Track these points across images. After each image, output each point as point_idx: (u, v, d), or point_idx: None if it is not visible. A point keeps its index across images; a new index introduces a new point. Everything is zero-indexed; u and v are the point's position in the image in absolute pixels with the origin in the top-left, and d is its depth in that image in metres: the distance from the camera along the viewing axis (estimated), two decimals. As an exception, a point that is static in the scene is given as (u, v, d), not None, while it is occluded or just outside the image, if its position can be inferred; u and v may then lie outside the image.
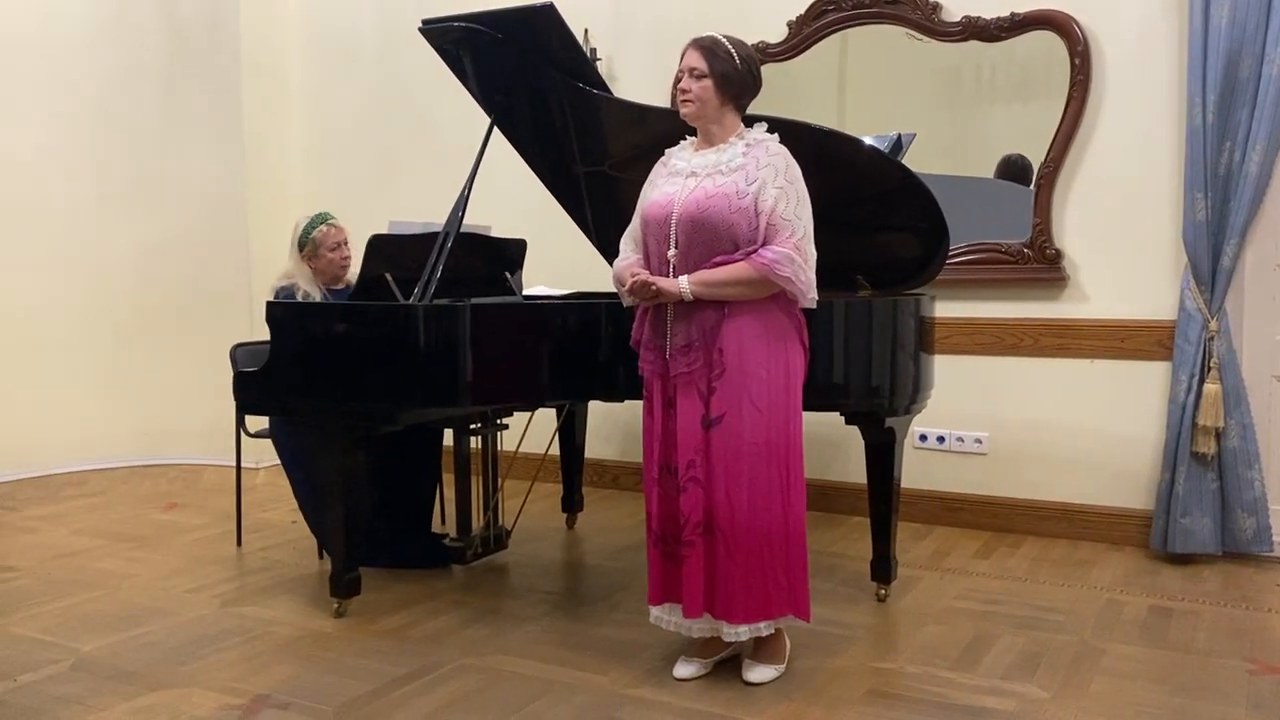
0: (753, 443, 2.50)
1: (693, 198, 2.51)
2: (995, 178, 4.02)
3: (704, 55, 2.53)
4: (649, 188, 2.68)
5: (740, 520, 2.50)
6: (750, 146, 2.55)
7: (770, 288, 2.47)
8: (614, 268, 2.74)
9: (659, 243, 2.57)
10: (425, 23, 3.22)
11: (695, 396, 2.52)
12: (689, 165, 2.60)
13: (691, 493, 2.53)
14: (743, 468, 2.50)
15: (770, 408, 2.51)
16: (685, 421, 2.53)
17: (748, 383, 2.49)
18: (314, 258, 3.56)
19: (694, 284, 2.47)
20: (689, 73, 2.54)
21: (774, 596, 2.55)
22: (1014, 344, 3.96)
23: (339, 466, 3.04)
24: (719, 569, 2.53)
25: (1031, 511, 3.99)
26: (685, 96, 2.55)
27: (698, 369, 2.51)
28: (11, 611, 3.18)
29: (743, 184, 2.48)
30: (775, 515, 2.53)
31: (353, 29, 5.34)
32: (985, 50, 3.96)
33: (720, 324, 2.49)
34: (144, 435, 5.37)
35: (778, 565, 2.55)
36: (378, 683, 2.63)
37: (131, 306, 5.34)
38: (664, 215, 2.55)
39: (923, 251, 3.18)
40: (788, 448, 2.55)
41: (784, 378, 2.53)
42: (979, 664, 2.74)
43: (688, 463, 2.53)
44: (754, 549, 2.52)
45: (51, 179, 5.15)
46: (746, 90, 2.59)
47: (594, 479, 4.71)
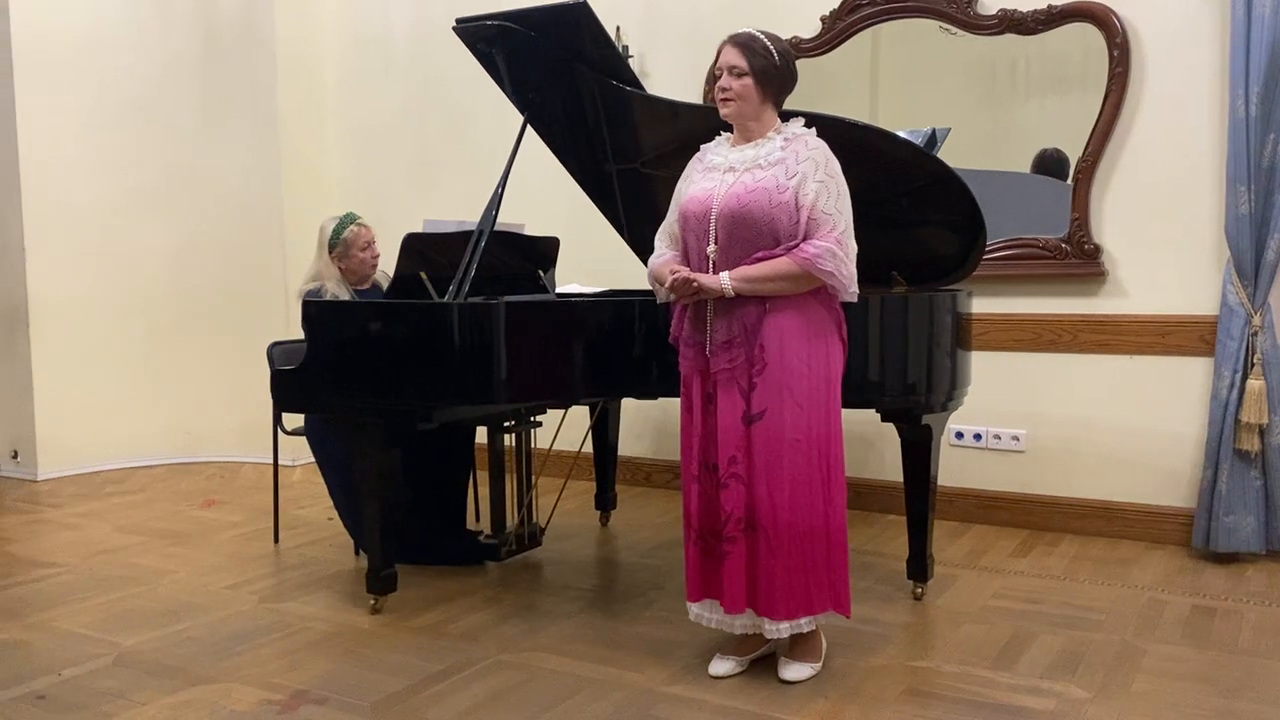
0: (794, 438, 2.48)
1: (732, 193, 2.50)
2: (1031, 172, 3.98)
3: (743, 52, 2.52)
4: (685, 183, 2.67)
5: (782, 516, 2.49)
6: (789, 141, 2.53)
7: (812, 282, 2.46)
8: (650, 264, 2.73)
9: (698, 239, 2.56)
10: (459, 21, 3.23)
11: (736, 392, 2.51)
12: (726, 160, 2.58)
13: (733, 489, 2.52)
14: (784, 463, 2.49)
15: (811, 402, 2.49)
16: (726, 418, 2.52)
17: (788, 378, 2.48)
18: (344, 258, 3.58)
19: (735, 280, 2.46)
20: (728, 70, 2.52)
21: (815, 592, 2.54)
22: (1052, 340, 3.92)
23: (374, 464, 3.06)
24: (761, 566, 2.52)
25: (1070, 510, 3.94)
26: (726, 95, 2.53)
27: (739, 365, 2.50)
28: (55, 606, 3.23)
29: (782, 178, 2.47)
30: (817, 510, 2.52)
31: (388, 28, 5.38)
32: (1020, 43, 3.92)
33: (762, 320, 2.48)
34: (183, 433, 5.44)
35: (819, 560, 2.54)
36: (414, 678, 2.65)
37: (170, 305, 5.41)
38: (703, 211, 2.53)
39: (959, 247, 3.15)
40: (829, 442, 2.53)
41: (825, 372, 2.52)
42: (1017, 663, 2.71)
43: (729, 459, 2.52)
44: (796, 545, 2.51)
45: (91, 178, 5.22)
46: (785, 86, 2.58)
47: (627, 477, 4.71)
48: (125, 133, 5.29)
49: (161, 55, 5.33)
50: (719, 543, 2.57)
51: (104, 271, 5.26)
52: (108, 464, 5.30)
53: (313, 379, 3.11)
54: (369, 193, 5.41)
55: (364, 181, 5.50)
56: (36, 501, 4.68)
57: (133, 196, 5.32)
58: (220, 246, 5.39)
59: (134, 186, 5.32)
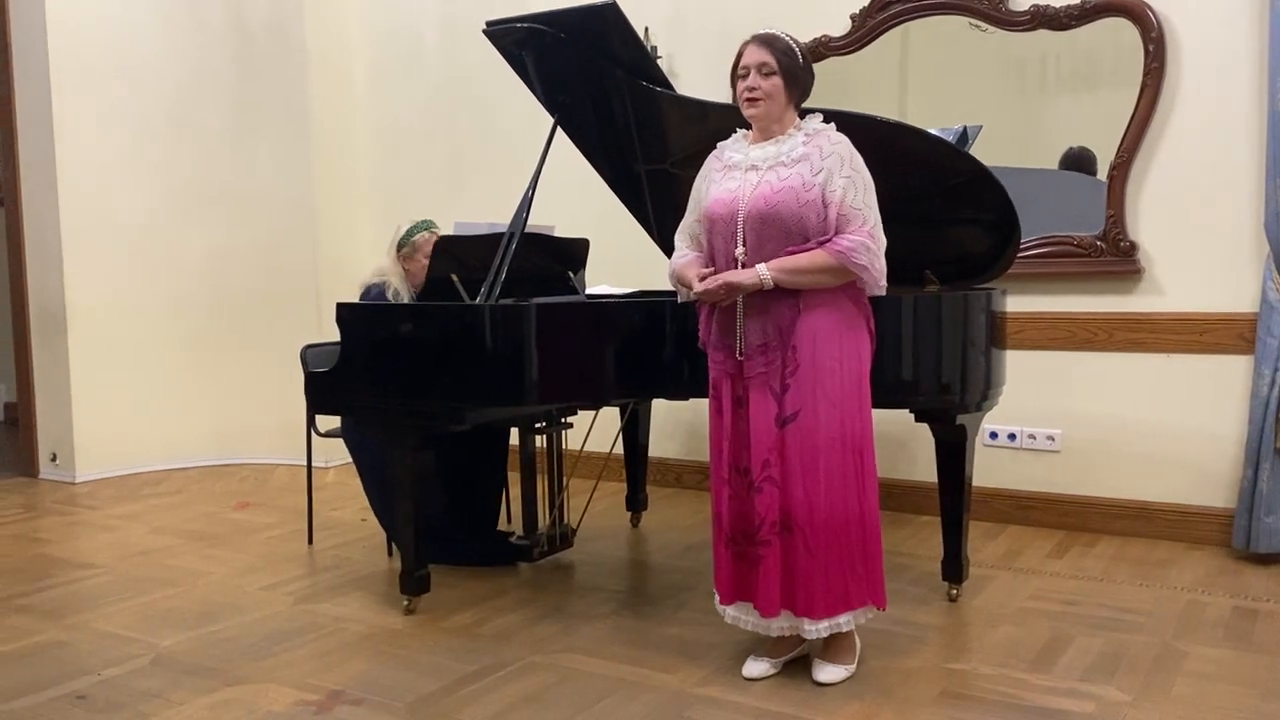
0: (828, 436, 2.47)
1: (759, 193, 2.48)
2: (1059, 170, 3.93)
3: (771, 51, 2.51)
4: (705, 184, 2.65)
5: (819, 516, 2.48)
6: (810, 137, 2.52)
7: (846, 276, 2.45)
8: (672, 264, 2.71)
9: (726, 241, 2.53)
10: (489, 24, 3.24)
11: (769, 395, 2.50)
12: (747, 159, 2.56)
13: (767, 492, 2.51)
14: (819, 463, 2.47)
15: (844, 399, 2.48)
16: (759, 421, 2.51)
17: (821, 376, 2.46)
18: (410, 259, 3.59)
19: (774, 270, 2.43)
20: (757, 69, 2.50)
21: (853, 588, 2.53)
22: (1088, 339, 3.87)
23: (408, 465, 3.07)
24: (799, 567, 2.50)
25: (1106, 510, 3.89)
26: (754, 94, 2.51)
27: (774, 368, 2.48)
28: (94, 607, 3.27)
29: (808, 175, 2.45)
30: (851, 506, 2.51)
31: (417, 30, 5.40)
32: (1052, 39, 3.88)
33: (795, 320, 2.47)
34: (217, 435, 5.49)
35: (856, 556, 2.53)
36: (448, 679, 2.65)
37: (205, 308, 5.46)
38: (730, 213, 2.52)
39: (993, 245, 3.12)
40: (861, 436, 2.52)
41: (856, 367, 2.51)
42: (1055, 665, 2.68)
43: (762, 462, 2.50)
44: (833, 543, 2.49)
45: (127, 183, 5.28)
46: (807, 87, 2.58)
47: (657, 478, 4.70)
48: (159, 137, 5.36)
49: (194, 60, 5.39)
50: (752, 546, 2.55)
51: (140, 275, 5.33)
52: (144, 466, 5.36)
53: (346, 381, 3.13)
54: (399, 194, 5.44)
55: (394, 183, 5.53)
56: (75, 503, 4.75)
57: (168, 200, 5.38)
58: (254, 249, 5.44)
59: (169, 190, 5.38)
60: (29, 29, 5.10)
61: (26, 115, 5.17)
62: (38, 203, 5.19)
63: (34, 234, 5.23)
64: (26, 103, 5.16)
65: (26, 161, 5.20)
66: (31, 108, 5.14)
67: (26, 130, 5.18)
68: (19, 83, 5.18)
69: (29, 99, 5.14)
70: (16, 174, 5.24)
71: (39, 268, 5.23)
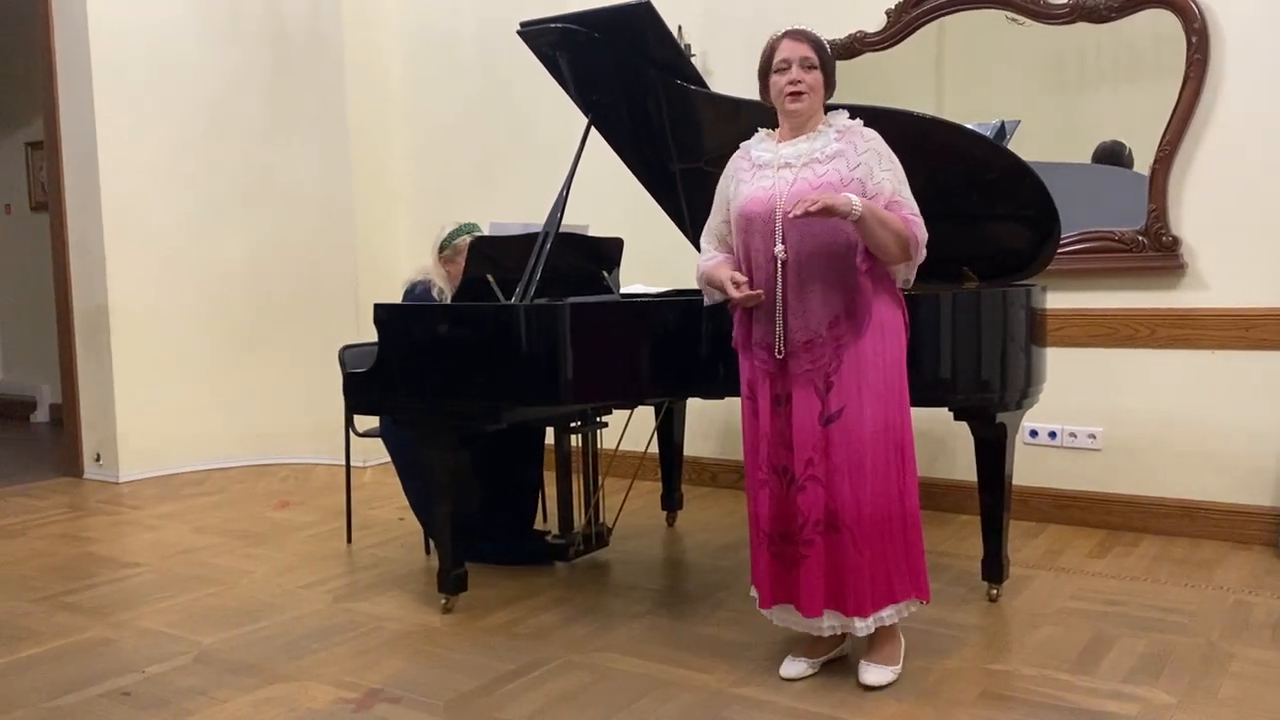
0: (873, 431, 2.45)
1: (796, 190, 2.44)
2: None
3: (812, 46, 2.50)
4: (733, 184, 2.61)
5: (865, 513, 2.45)
6: (841, 133, 2.50)
7: (901, 250, 2.43)
8: (701, 267, 2.69)
9: (765, 240, 2.49)
10: (523, 25, 3.25)
11: (812, 393, 2.47)
12: (777, 156, 2.53)
13: (811, 491, 2.48)
14: (865, 459, 2.45)
15: (887, 393, 2.47)
16: (802, 419, 2.48)
17: (865, 371, 2.44)
18: (451, 262, 3.62)
19: (864, 208, 2.33)
20: (800, 63, 2.48)
21: (897, 581, 2.51)
22: (1130, 335, 3.82)
23: (445, 464, 3.09)
24: (847, 565, 2.47)
25: (1149, 509, 3.84)
26: (798, 88, 2.47)
27: (819, 365, 2.46)
28: (138, 606, 3.32)
29: (845, 170, 2.44)
30: (894, 500, 2.49)
31: (452, 32, 5.43)
32: (1091, 32, 3.82)
33: (840, 317, 2.44)
34: (258, 435, 5.55)
35: (899, 549, 2.51)
36: (486, 678, 2.66)
37: (245, 310, 5.52)
38: (766, 211, 2.48)
39: (1032, 241, 3.08)
40: (902, 429, 2.51)
41: (897, 358, 2.50)
42: (1098, 666, 2.64)
43: (806, 461, 2.47)
44: (878, 539, 2.47)
45: (168, 187, 5.35)
46: (833, 83, 2.58)
47: (693, 477, 4.69)
48: (199, 142, 5.42)
49: (233, 65, 5.45)
50: (793, 546, 2.52)
51: (181, 278, 5.39)
52: (186, 466, 5.43)
53: (383, 381, 3.16)
54: (436, 196, 5.47)
55: (431, 184, 5.56)
56: (119, 503, 4.82)
57: (208, 204, 5.45)
58: (293, 251, 5.50)
59: (209, 194, 5.45)
60: (72, 37, 5.18)
61: (69, 121, 5.26)
62: (81, 207, 5.27)
63: (77, 238, 5.31)
64: (70, 109, 5.25)
65: (70, 166, 5.29)
66: (74, 114, 5.22)
67: (70, 136, 5.27)
68: (62, 90, 5.26)
69: (72, 105, 5.23)
70: (60, 179, 5.33)
71: (82, 271, 5.31)
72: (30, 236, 7.08)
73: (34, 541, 4.14)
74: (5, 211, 7.55)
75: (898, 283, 2.53)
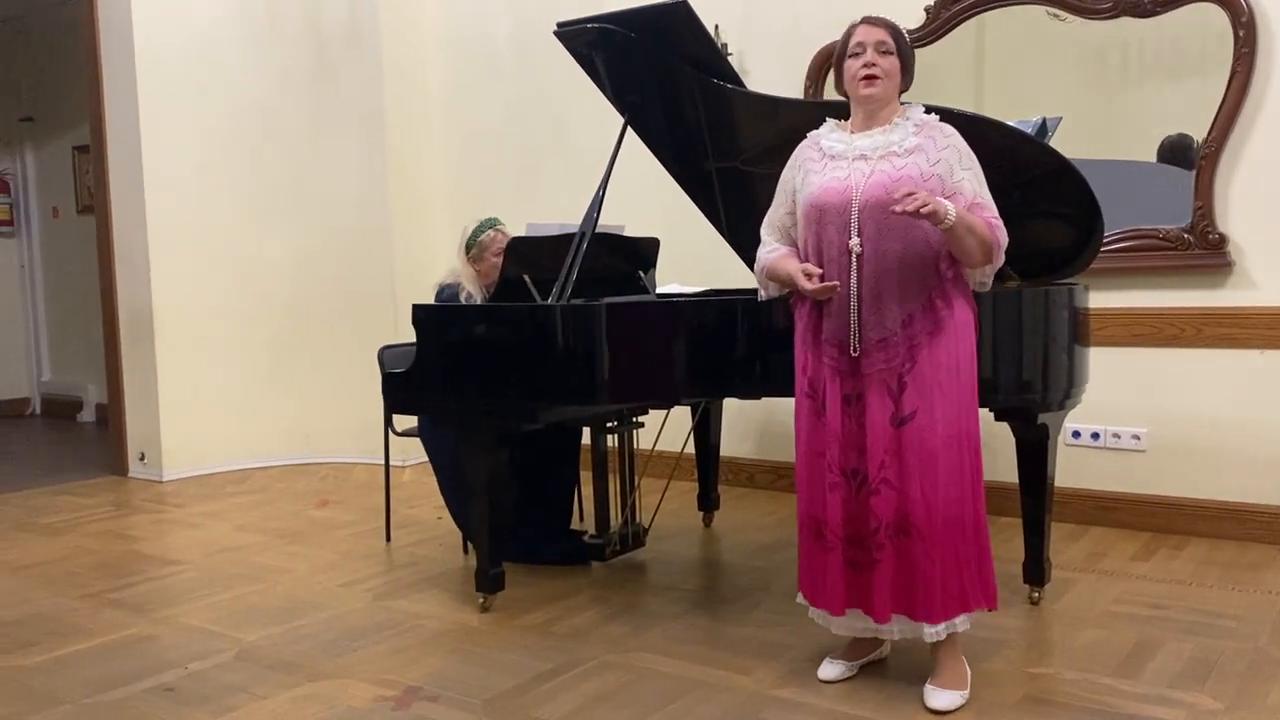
0: (945, 435, 2.38)
1: (876, 182, 2.37)
2: (1157, 160, 3.80)
3: (889, 31, 2.44)
4: (801, 174, 2.52)
5: (937, 517, 2.38)
6: (919, 127, 2.43)
7: (984, 251, 2.37)
8: (761, 258, 2.61)
9: (839, 231, 2.40)
10: (560, 25, 3.26)
11: (885, 394, 2.39)
12: (851, 147, 2.45)
13: (884, 495, 2.41)
14: (936, 463, 2.38)
15: (959, 396, 2.40)
16: (875, 420, 2.40)
17: (938, 374, 2.38)
18: (479, 260, 3.63)
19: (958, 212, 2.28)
20: (875, 47, 2.41)
21: (969, 589, 2.43)
22: (1174, 335, 3.75)
23: (483, 464, 3.10)
24: (919, 571, 2.40)
25: (1195, 512, 3.77)
26: (873, 72, 2.41)
27: (894, 365, 2.38)
28: (182, 603, 3.36)
29: (925, 165, 2.36)
30: (966, 506, 2.42)
31: (489, 35, 5.45)
32: (1134, 27, 3.76)
33: (915, 316, 2.38)
34: (298, 435, 5.61)
35: (970, 556, 2.43)
36: (523, 677, 2.67)
37: (286, 311, 5.58)
38: (843, 203, 2.39)
39: (1075, 239, 3.04)
40: (972, 433, 2.44)
41: (969, 364, 2.43)
42: (1143, 671, 2.60)
43: (879, 463, 2.40)
44: (950, 545, 2.40)
45: (211, 190, 5.42)
46: (912, 74, 2.51)
47: (729, 477, 4.68)
48: (241, 145, 5.49)
49: (273, 70, 5.52)
50: (865, 551, 2.45)
51: (223, 279, 5.46)
52: (228, 465, 5.49)
53: (422, 381, 3.17)
54: (474, 198, 5.49)
55: (469, 186, 5.59)
56: (162, 501, 4.89)
57: (249, 206, 5.51)
58: (333, 253, 5.55)
59: (250, 197, 5.51)
60: (117, 44, 5.27)
61: (115, 126, 5.34)
62: (126, 210, 5.35)
63: (122, 240, 5.40)
64: (115, 115, 5.33)
65: (115, 170, 5.38)
66: (120, 119, 5.31)
67: (115, 140, 5.36)
68: (108, 95, 5.35)
69: (118, 111, 5.32)
70: (106, 183, 5.42)
71: (127, 273, 5.40)
72: (77, 239, 7.21)
73: (80, 539, 4.21)
74: (53, 215, 7.69)
75: (973, 285, 2.46)
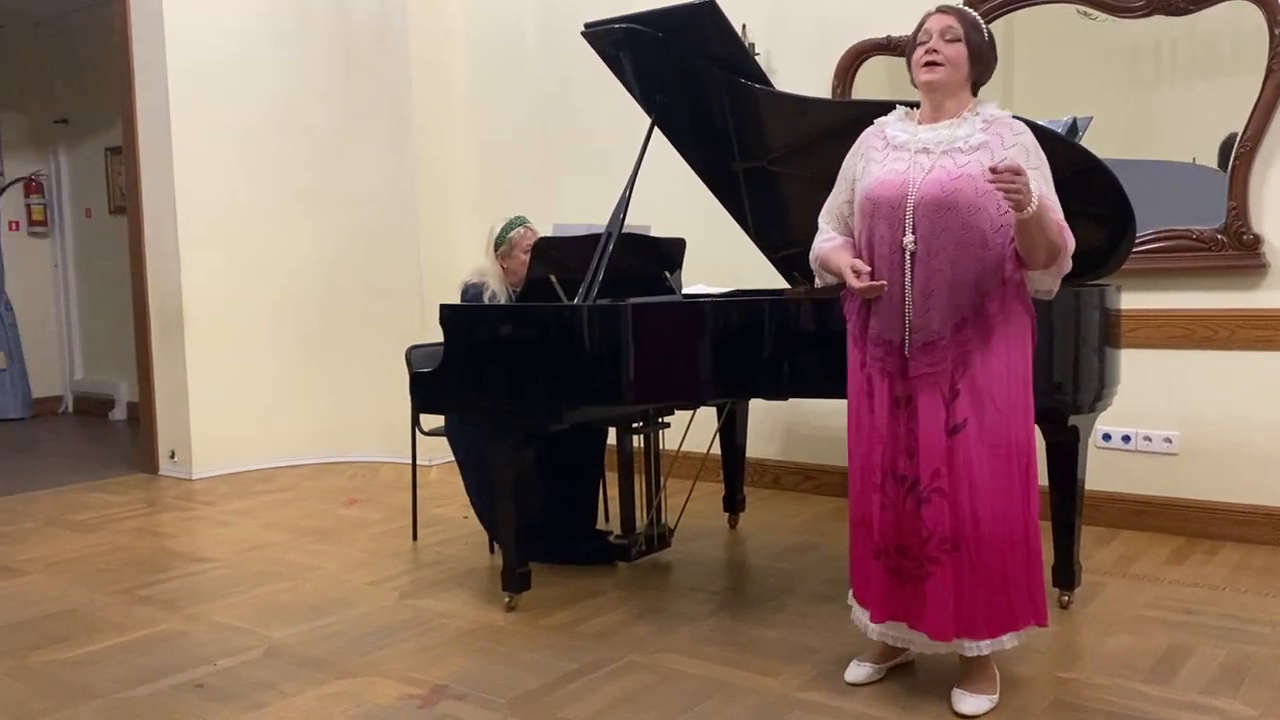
0: (994, 445, 2.31)
1: (934, 178, 2.29)
2: (1219, 159, 3.73)
3: (958, 19, 2.35)
4: (862, 162, 2.44)
5: (985, 531, 2.31)
6: (989, 123, 2.33)
7: (1053, 250, 2.27)
8: (817, 247, 2.54)
9: (892, 227, 2.33)
10: (587, 26, 3.26)
11: (938, 399, 2.32)
12: (916, 140, 2.37)
13: (936, 505, 2.33)
14: (985, 474, 2.30)
15: (1010, 406, 2.32)
16: (928, 426, 2.33)
17: (991, 383, 2.30)
18: (507, 257, 3.64)
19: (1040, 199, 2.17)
20: (940, 33, 2.33)
21: (1018, 607, 2.36)
22: (1208, 336, 3.71)
23: (509, 463, 3.11)
24: (964, 586, 2.33)
25: (1228, 516, 3.72)
26: (934, 58, 2.32)
27: (942, 369, 2.31)
28: (211, 600, 3.39)
29: (989, 164, 2.23)
30: (1016, 520, 2.33)
31: (516, 35, 5.47)
32: (1167, 25, 3.72)
33: (967, 319, 2.30)
34: (326, 434, 5.64)
35: (1020, 574, 2.35)
36: (549, 677, 2.68)
37: (315, 311, 5.61)
38: (898, 197, 2.32)
39: (1106, 240, 3.00)
40: (1026, 445, 2.35)
41: (1022, 372, 2.34)
42: (1175, 677, 2.57)
43: (933, 471, 2.32)
44: (998, 560, 2.32)
45: (241, 189, 5.46)
46: (988, 70, 2.41)
47: (755, 479, 4.66)
48: (270, 145, 5.53)
49: (302, 68, 5.55)
50: (913, 562, 2.38)
51: (252, 278, 5.50)
52: (257, 464, 5.53)
53: (449, 381, 3.19)
54: (501, 198, 5.50)
55: (495, 185, 5.60)
56: (192, 499, 4.94)
57: (278, 205, 5.55)
58: (360, 251, 5.58)
59: (278, 195, 5.55)
60: (150, 47, 5.32)
61: (147, 127, 5.39)
62: (157, 210, 5.41)
63: (154, 240, 5.45)
64: (147, 113, 5.39)
65: (147, 171, 5.43)
66: (152, 120, 5.36)
67: (147, 141, 5.41)
68: (140, 96, 5.40)
69: (149, 109, 5.37)
70: (138, 183, 5.48)
71: (158, 272, 5.45)
72: (110, 239, 7.29)
73: (112, 536, 4.26)
74: (86, 215, 7.79)
75: (1033, 291, 2.36)
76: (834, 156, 2.60)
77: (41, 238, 7.91)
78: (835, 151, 2.61)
